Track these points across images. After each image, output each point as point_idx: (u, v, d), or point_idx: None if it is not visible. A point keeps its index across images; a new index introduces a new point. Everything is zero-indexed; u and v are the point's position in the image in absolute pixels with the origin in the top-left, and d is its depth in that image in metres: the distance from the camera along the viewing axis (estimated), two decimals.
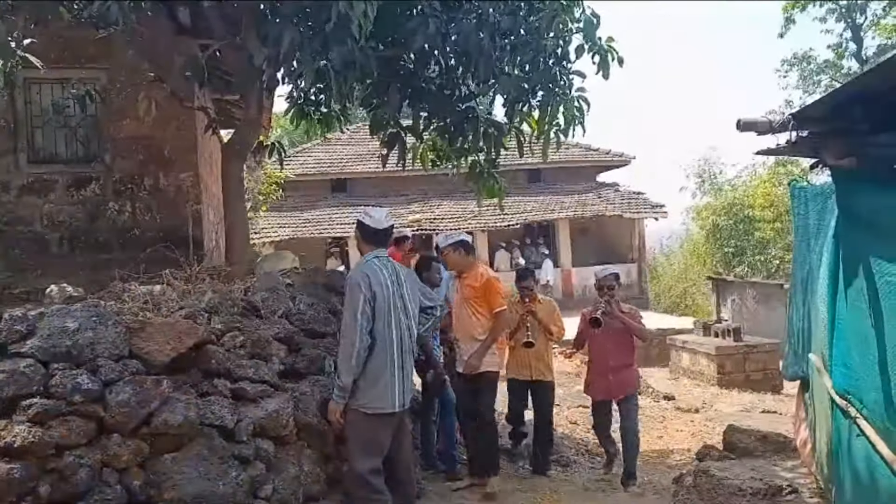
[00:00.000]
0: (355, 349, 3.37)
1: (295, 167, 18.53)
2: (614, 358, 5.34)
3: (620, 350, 5.37)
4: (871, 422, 2.71)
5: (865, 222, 2.72)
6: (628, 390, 5.39)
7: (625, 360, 5.39)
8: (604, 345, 5.41)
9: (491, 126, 6.22)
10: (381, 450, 3.47)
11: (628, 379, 5.42)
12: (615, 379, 5.35)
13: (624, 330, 5.33)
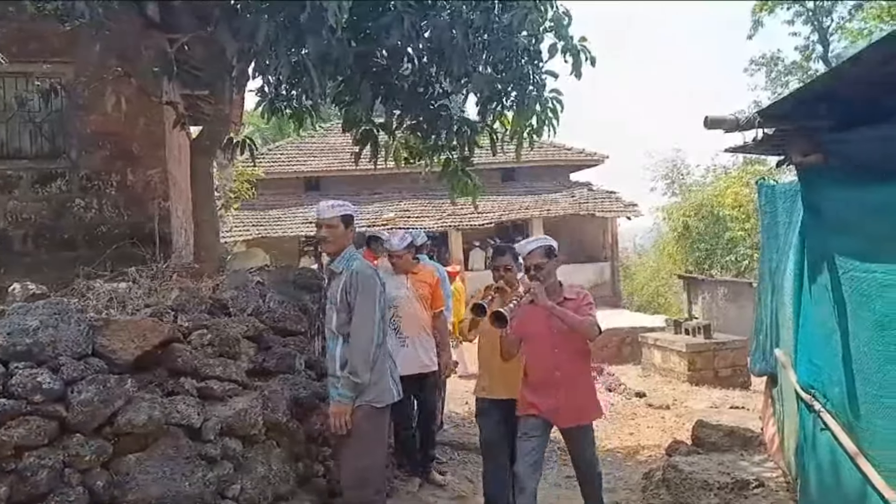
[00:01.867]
0: (374, 345, 3.36)
1: (267, 165, 18.36)
2: (564, 368, 3.74)
3: (573, 356, 3.79)
4: (834, 416, 2.75)
5: (830, 219, 2.76)
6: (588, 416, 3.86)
7: (575, 370, 3.81)
8: (547, 349, 3.77)
9: (464, 124, 6.22)
10: (386, 444, 3.47)
11: (583, 401, 3.81)
12: (566, 399, 3.72)
13: None
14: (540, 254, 3.82)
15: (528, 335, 3.79)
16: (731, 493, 4.08)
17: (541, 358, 3.79)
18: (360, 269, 3.43)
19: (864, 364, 2.46)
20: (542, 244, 3.90)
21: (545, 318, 3.67)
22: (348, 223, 3.56)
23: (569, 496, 5.11)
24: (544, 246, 3.88)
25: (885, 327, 2.29)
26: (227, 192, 11.49)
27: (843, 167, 2.58)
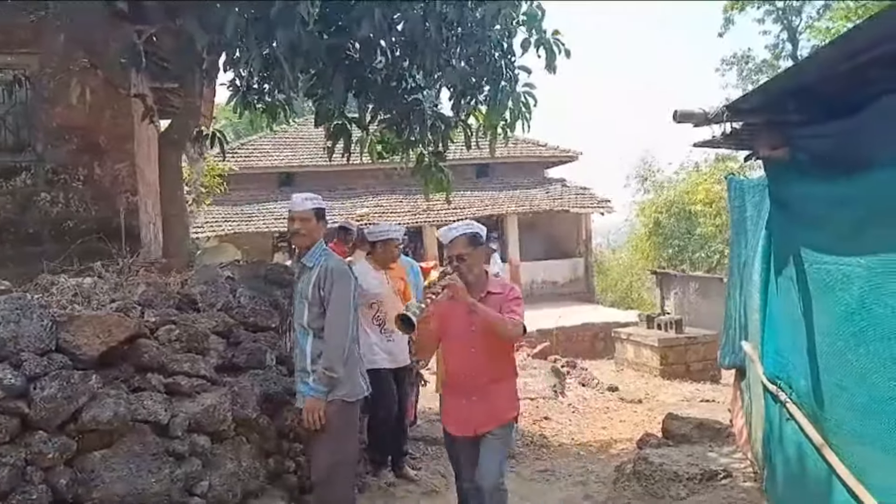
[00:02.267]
0: (348, 339, 3.35)
1: (240, 160, 18.17)
2: (482, 370, 3.39)
3: (493, 357, 3.40)
4: (800, 406, 2.79)
5: (796, 212, 2.80)
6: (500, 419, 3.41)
7: (495, 373, 3.43)
8: (465, 348, 3.43)
9: (437, 119, 6.20)
10: (357, 438, 3.46)
11: (499, 403, 3.41)
12: (481, 403, 3.37)
13: None
14: (463, 242, 3.41)
15: (447, 333, 3.46)
16: (700, 483, 4.14)
17: (458, 357, 3.46)
18: (334, 265, 3.42)
19: (829, 355, 2.50)
20: (466, 231, 3.44)
21: (465, 314, 3.30)
22: (321, 216, 3.54)
23: (542, 490, 5.14)
24: (468, 233, 3.44)
25: (848, 319, 2.33)
26: (199, 186, 11.33)
27: (809, 161, 2.62)
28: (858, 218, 2.31)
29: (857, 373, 2.29)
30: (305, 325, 3.43)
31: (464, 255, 3.39)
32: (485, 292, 3.43)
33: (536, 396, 8.46)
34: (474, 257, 3.43)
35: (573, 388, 9.48)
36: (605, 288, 24.07)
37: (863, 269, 2.23)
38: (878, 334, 2.14)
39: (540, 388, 8.82)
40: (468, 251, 3.41)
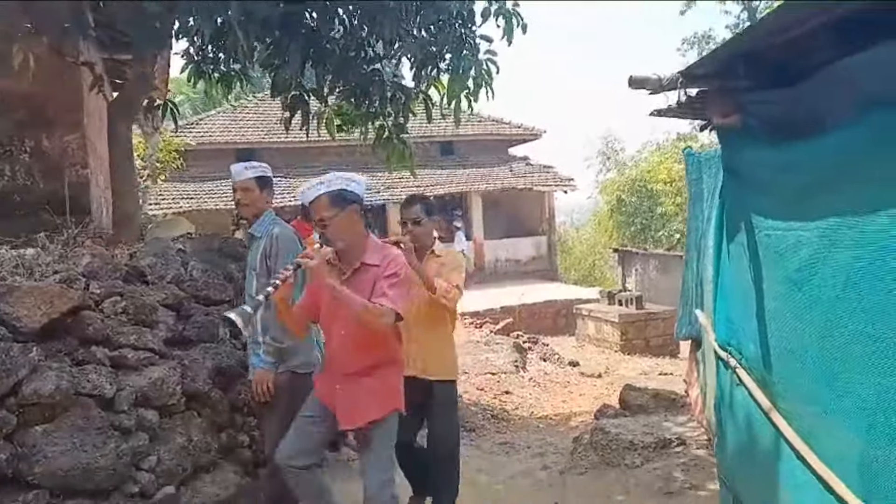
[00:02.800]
0: None
1: (198, 135, 17.79)
2: (351, 358, 2.86)
3: (364, 344, 2.83)
4: (749, 371, 2.82)
5: (747, 179, 2.80)
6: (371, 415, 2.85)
7: (366, 362, 2.86)
8: (334, 329, 2.92)
9: (398, 90, 6.11)
10: None
11: (371, 394, 2.86)
12: (344, 397, 2.87)
13: None
14: (324, 204, 2.77)
15: (321, 310, 2.92)
16: (654, 451, 4.20)
17: (329, 339, 2.98)
18: (280, 232, 3.34)
19: (777, 320, 2.52)
20: (328, 189, 2.77)
21: None
22: (265, 186, 3.46)
23: (502, 462, 5.17)
24: (331, 192, 2.77)
25: (797, 283, 2.34)
26: (154, 162, 11.05)
27: (759, 127, 2.62)
28: (806, 184, 2.31)
29: (804, 337, 2.31)
30: (254, 296, 3.35)
31: (325, 220, 2.76)
32: (358, 263, 2.83)
33: (498, 371, 8.51)
34: (342, 221, 2.77)
35: (535, 364, 9.56)
36: (569, 266, 24.29)
37: (810, 234, 2.24)
38: (826, 298, 2.15)
39: (502, 363, 8.87)
40: (332, 213, 2.75)
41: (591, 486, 4.20)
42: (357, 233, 2.87)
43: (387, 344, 2.91)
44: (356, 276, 2.84)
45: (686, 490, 3.85)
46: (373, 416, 2.84)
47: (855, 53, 2.02)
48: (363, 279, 2.82)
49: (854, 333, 1.96)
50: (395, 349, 2.98)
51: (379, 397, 2.88)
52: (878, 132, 1.88)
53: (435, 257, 3.63)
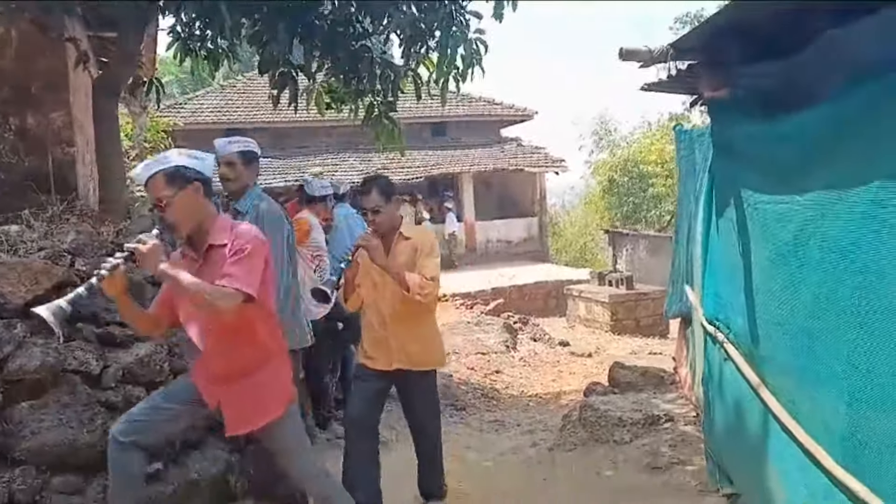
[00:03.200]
0: (282, 285, 3.25)
1: (187, 115, 17.62)
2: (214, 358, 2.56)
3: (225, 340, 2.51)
4: (737, 346, 2.83)
5: (736, 153, 2.80)
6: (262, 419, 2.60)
7: (234, 363, 2.55)
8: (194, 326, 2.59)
9: (387, 67, 6.05)
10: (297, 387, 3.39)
11: (257, 397, 2.58)
12: (228, 401, 2.58)
13: None
14: (161, 183, 2.43)
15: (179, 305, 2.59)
16: (643, 427, 4.23)
17: (194, 339, 2.60)
18: (266, 208, 3.31)
19: (765, 294, 2.53)
20: (162, 167, 2.44)
21: None
22: (250, 161, 3.43)
23: (492, 440, 5.19)
24: (166, 169, 2.44)
25: (785, 257, 2.34)
26: (142, 142, 10.92)
27: (749, 101, 2.61)
28: (795, 157, 2.30)
29: (792, 310, 2.31)
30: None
31: (163, 200, 2.43)
32: (206, 245, 2.52)
33: (489, 351, 8.54)
34: (182, 201, 2.43)
35: (525, 344, 9.60)
36: (560, 248, 24.35)
37: (800, 207, 2.24)
38: (815, 271, 2.15)
39: (492, 343, 8.91)
40: (170, 193, 2.42)
41: (579, 462, 4.23)
42: (202, 213, 2.51)
43: (255, 336, 2.55)
44: (208, 262, 2.51)
45: (673, 465, 3.88)
46: (264, 420, 2.59)
47: (846, 24, 2.01)
48: (213, 262, 2.49)
49: (842, 305, 1.96)
50: (270, 340, 2.62)
51: (267, 397, 2.59)
52: (869, 103, 1.87)
53: (404, 240, 3.33)
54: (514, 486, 4.03)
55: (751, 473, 2.78)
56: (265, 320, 2.60)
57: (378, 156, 17.93)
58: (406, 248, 3.30)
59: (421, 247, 3.29)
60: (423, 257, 3.27)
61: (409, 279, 3.14)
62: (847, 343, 1.93)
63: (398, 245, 3.31)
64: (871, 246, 1.81)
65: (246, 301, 2.40)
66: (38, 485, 2.78)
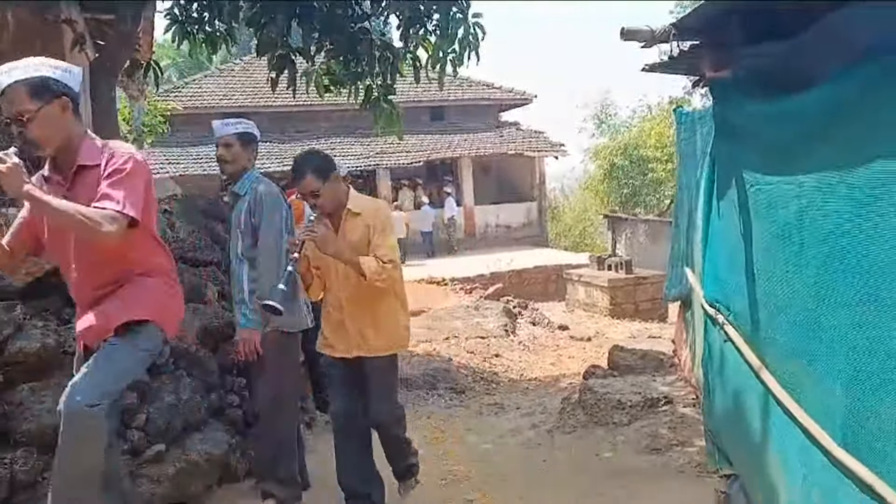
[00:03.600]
0: (281, 268, 3.24)
1: (185, 100, 17.53)
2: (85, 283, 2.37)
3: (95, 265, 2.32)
4: (737, 327, 2.83)
5: (738, 134, 2.78)
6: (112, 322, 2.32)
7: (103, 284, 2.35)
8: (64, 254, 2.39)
9: (385, 49, 6.02)
10: (300, 371, 3.41)
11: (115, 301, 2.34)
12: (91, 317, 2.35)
13: None
14: (23, 95, 2.14)
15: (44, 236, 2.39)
16: (642, 410, 4.25)
17: (65, 271, 2.44)
18: (265, 189, 3.29)
19: (767, 275, 2.52)
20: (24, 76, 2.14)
21: None
22: (247, 143, 3.40)
23: (491, 422, 5.21)
24: (30, 80, 2.15)
25: (786, 238, 2.34)
26: (140, 126, 10.89)
27: (752, 81, 2.59)
28: (798, 138, 2.29)
29: (794, 291, 2.31)
30: (240, 255, 3.32)
31: (24, 115, 2.15)
32: (74, 167, 2.27)
33: (488, 335, 8.57)
34: (47, 116, 2.17)
35: (524, 328, 9.62)
36: (559, 232, 24.36)
37: (802, 188, 2.23)
38: (816, 252, 2.15)
39: (491, 327, 8.93)
40: (34, 107, 2.14)
41: (578, 444, 4.25)
42: (69, 131, 2.24)
43: (126, 261, 2.33)
44: (77, 185, 2.26)
45: (672, 447, 3.90)
46: (114, 323, 2.29)
47: (849, 4, 1.99)
48: (85, 185, 2.24)
49: (844, 286, 1.96)
50: (141, 266, 2.37)
51: (125, 302, 2.32)
52: (872, 82, 1.86)
53: (354, 216, 3.04)
54: (513, 467, 4.05)
55: (750, 454, 2.79)
56: (151, 249, 2.41)
57: (377, 140, 17.88)
58: (357, 225, 3.04)
59: (374, 223, 3.02)
60: (377, 236, 3.01)
61: (364, 265, 2.91)
62: (848, 324, 1.92)
63: (347, 222, 3.06)
64: (873, 226, 1.81)
65: (130, 226, 2.18)
66: (39, 466, 2.79)
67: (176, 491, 3.13)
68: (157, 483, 3.04)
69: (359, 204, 3.09)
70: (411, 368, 6.68)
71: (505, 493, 3.65)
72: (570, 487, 3.67)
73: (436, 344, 8.06)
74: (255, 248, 3.24)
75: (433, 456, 4.33)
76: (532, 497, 3.58)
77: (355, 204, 3.07)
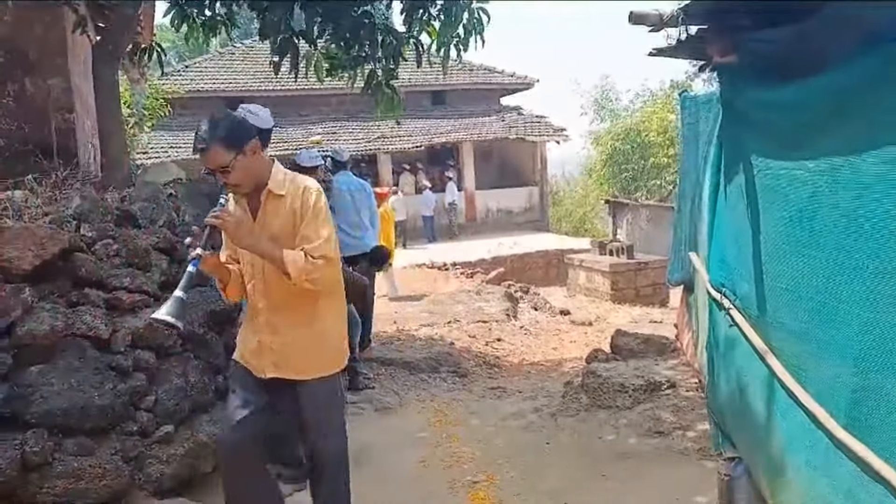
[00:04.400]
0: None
1: (185, 83, 17.44)
2: None
3: None
4: (742, 312, 2.84)
5: (746, 118, 2.78)
6: None
7: None
8: None
9: (389, 34, 5.99)
10: None
11: None
12: None
13: None
14: None
15: None
16: (645, 393, 4.28)
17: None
18: None
19: (774, 259, 2.53)
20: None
21: None
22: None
23: (493, 405, 5.24)
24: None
25: (793, 222, 2.34)
26: (141, 109, 10.84)
27: (761, 65, 2.58)
28: (807, 123, 2.29)
29: (801, 275, 2.32)
30: None
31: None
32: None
33: (489, 320, 8.58)
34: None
35: (525, 312, 9.64)
36: (560, 217, 24.34)
37: (811, 173, 2.24)
38: (824, 236, 2.16)
39: (493, 311, 8.94)
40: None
41: (581, 427, 4.28)
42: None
43: None
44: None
45: (675, 430, 3.93)
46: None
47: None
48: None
49: (851, 269, 1.97)
50: None
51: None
52: (883, 68, 1.86)
53: (275, 198, 2.48)
54: (517, 449, 4.08)
55: (753, 437, 2.82)
56: None
57: (378, 124, 17.82)
58: (280, 208, 2.47)
59: (301, 207, 2.45)
60: (305, 224, 2.44)
61: (288, 261, 2.36)
62: (856, 307, 1.94)
63: (269, 204, 2.48)
64: (883, 209, 1.82)
65: None
66: (50, 447, 2.81)
67: (184, 471, 3.17)
68: (166, 463, 3.07)
69: (282, 183, 2.48)
70: (414, 352, 6.71)
71: (509, 475, 3.68)
72: (574, 469, 3.70)
73: (437, 328, 8.08)
74: None
75: (437, 438, 4.38)
76: (536, 478, 3.62)
77: (278, 183, 2.48)
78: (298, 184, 2.50)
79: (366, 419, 4.77)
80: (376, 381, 5.70)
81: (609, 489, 3.46)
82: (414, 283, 12.00)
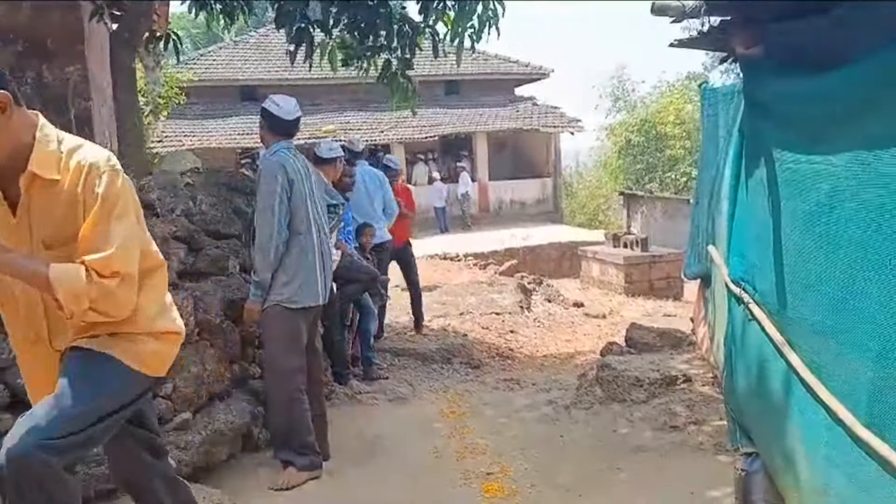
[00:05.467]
0: (273, 242, 3.28)
1: (200, 72, 17.49)
2: None
3: None
4: (762, 306, 2.82)
5: (769, 111, 2.74)
6: None
7: None
8: None
9: (405, 23, 5.97)
10: (302, 347, 3.43)
11: None
12: None
13: None
14: None
15: None
16: (660, 387, 4.26)
17: None
18: (264, 162, 3.35)
19: (795, 254, 2.50)
20: None
21: None
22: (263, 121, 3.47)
23: (507, 397, 5.24)
24: None
25: (815, 217, 2.32)
26: (156, 97, 10.89)
27: (785, 58, 2.55)
28: (832, 116, 2.26)
29: (823, 270, 2.29)
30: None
31: None
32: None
33: (503, 311, 8.57)
34: None
35: (539, 304, 9.63)
36: (574, 209, 24.26)
37: (835, 167, 2.21)
38: (848, 231, 2.13)
39: (506, 303, 8.94)
40: None
41: (595, 420, 4.27)
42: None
43: None
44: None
45: (690, 424, 3.91)
46: None
47: None
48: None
49: (873, 264, 1.95)
50: None
51: None
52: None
53: (49, 185, 1.72)
54: (531, 441, 4.08)
55: (771, 432, 2.79)
56: None
57: (391, 114, 17.79)
58: (51, 199, 1.73)
59: (85, 194, 1.71)
60: (91, 221, 1.70)
61: (56, 281, 1.64)
62: (878, 302, 1.91)
63: (34, 197, 1.74)
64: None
65: None
66: None
67: (201, 458, 3.19)
68: (184, 450, 3.09)
69: (52, 160, 1.70)
70: (427, 343, 6.72)
71: (523, 467, 3.68)
72: (588, 462, 3.70)
73: (450, 319, 8.08)
74: None
75: (450, 429, 4.38)
76: (550, 471, 3.61)
77: (46, 160, 1.70)
78: (81, 159, 1.70)
79: (379, 409, 4.78)
80: (389, 372, 5.72)
81: (624, 482, 3.45)
82: (426, 273, 12.01)
